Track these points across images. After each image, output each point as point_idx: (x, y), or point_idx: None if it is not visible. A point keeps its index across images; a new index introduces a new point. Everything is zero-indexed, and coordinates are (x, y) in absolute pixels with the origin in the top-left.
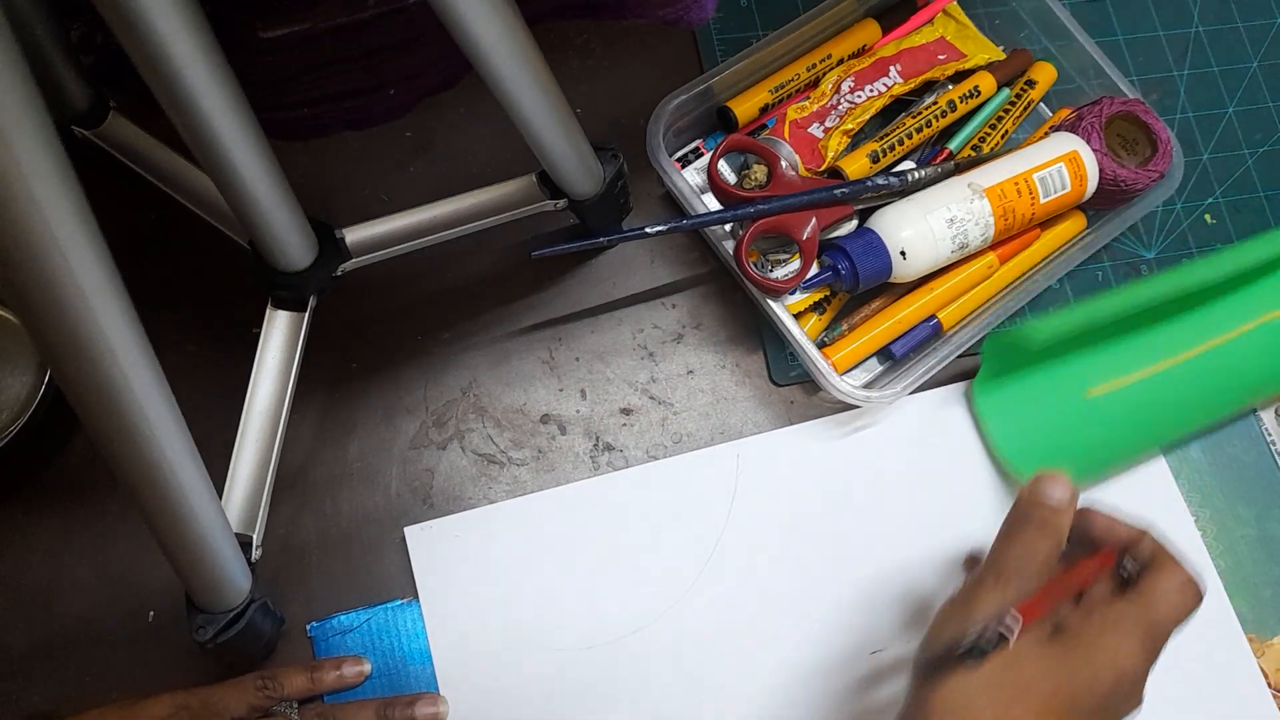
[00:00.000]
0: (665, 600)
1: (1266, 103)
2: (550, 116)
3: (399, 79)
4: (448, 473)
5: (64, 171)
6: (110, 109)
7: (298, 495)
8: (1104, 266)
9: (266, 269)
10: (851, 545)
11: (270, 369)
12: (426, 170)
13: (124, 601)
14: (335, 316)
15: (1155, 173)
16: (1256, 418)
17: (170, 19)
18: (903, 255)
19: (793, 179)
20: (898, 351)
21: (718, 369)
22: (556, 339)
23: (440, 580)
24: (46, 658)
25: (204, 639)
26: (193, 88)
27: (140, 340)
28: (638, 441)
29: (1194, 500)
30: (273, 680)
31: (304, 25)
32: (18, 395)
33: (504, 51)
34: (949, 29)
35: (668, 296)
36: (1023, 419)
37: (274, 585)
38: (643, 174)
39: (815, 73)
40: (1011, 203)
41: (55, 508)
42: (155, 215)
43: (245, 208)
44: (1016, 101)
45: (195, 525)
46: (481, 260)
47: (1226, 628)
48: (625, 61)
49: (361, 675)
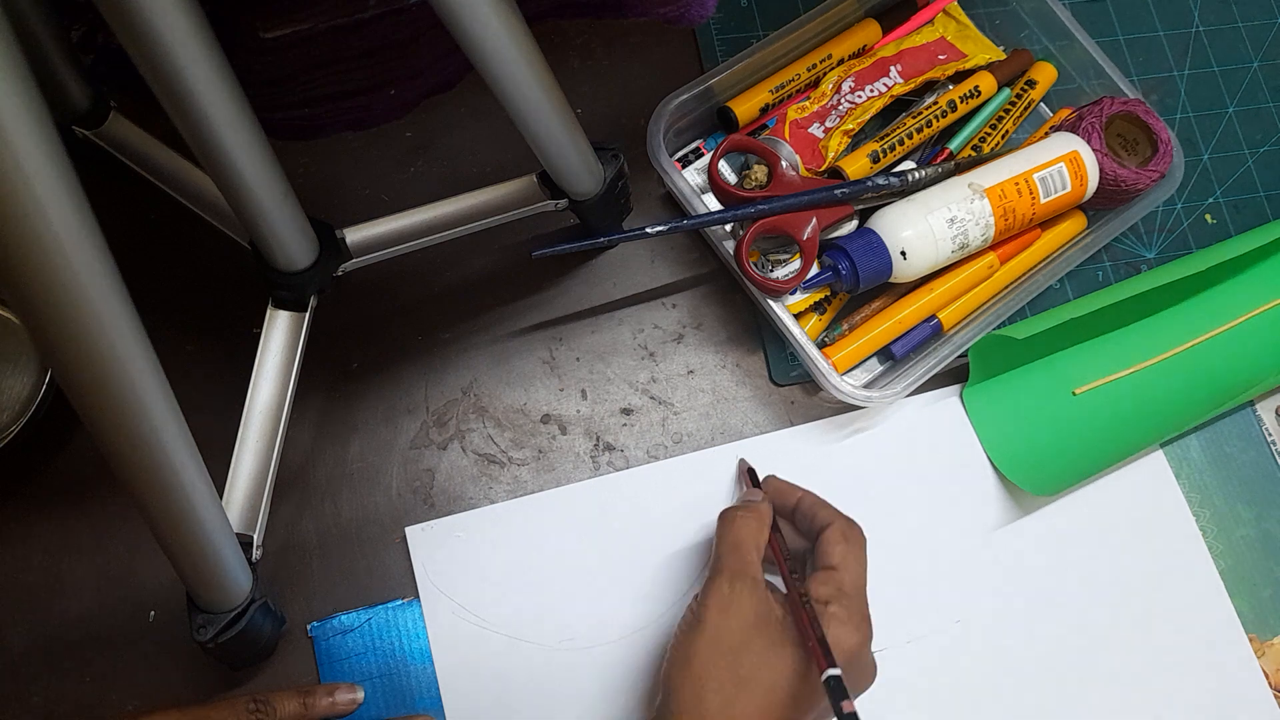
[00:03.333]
0: (665, 601)
1: (1267, 103)
2: (551, 116)
3: (399, 79)
4: (448, 473)
5: (65, 172)
6: (111, 109)
7: (298, 495)
8: (1104, 266)
9: (267, 269)
10: None
11: (271, 369)
12: (427, 170)
13: (124, 601)
14: (336, 316)
15: (1155, 173)
16: (1257, 418)
17: (171, 19)
18: (903, 255)
19: (793, 179)
20: (898, 351)
21: (718, 369)
22: (557, 339)
23: (441, 580)
24: (46, 658)
25: (205, 639)
26: (194, 88)
27: (141, 340)
28: (638, 441)
29: (1194, 500)
30: (265, 704)
31: (304, 25)
32: (19, 395)
33: (504, 51)
34: (949, 29)
35: (668, 296)
36: (1011, 419)
37: (275, 585)
38: (643, 174)
39: (816, 73)
40: (1012, 203)
41: (55, 508)
42: (156, 215)
43: (246, 208)
44: (1017, 101)
45: (196, 525)
46: (482, 260)
47: (1227, 628)
48: (626, 61)
49: (354, 703)
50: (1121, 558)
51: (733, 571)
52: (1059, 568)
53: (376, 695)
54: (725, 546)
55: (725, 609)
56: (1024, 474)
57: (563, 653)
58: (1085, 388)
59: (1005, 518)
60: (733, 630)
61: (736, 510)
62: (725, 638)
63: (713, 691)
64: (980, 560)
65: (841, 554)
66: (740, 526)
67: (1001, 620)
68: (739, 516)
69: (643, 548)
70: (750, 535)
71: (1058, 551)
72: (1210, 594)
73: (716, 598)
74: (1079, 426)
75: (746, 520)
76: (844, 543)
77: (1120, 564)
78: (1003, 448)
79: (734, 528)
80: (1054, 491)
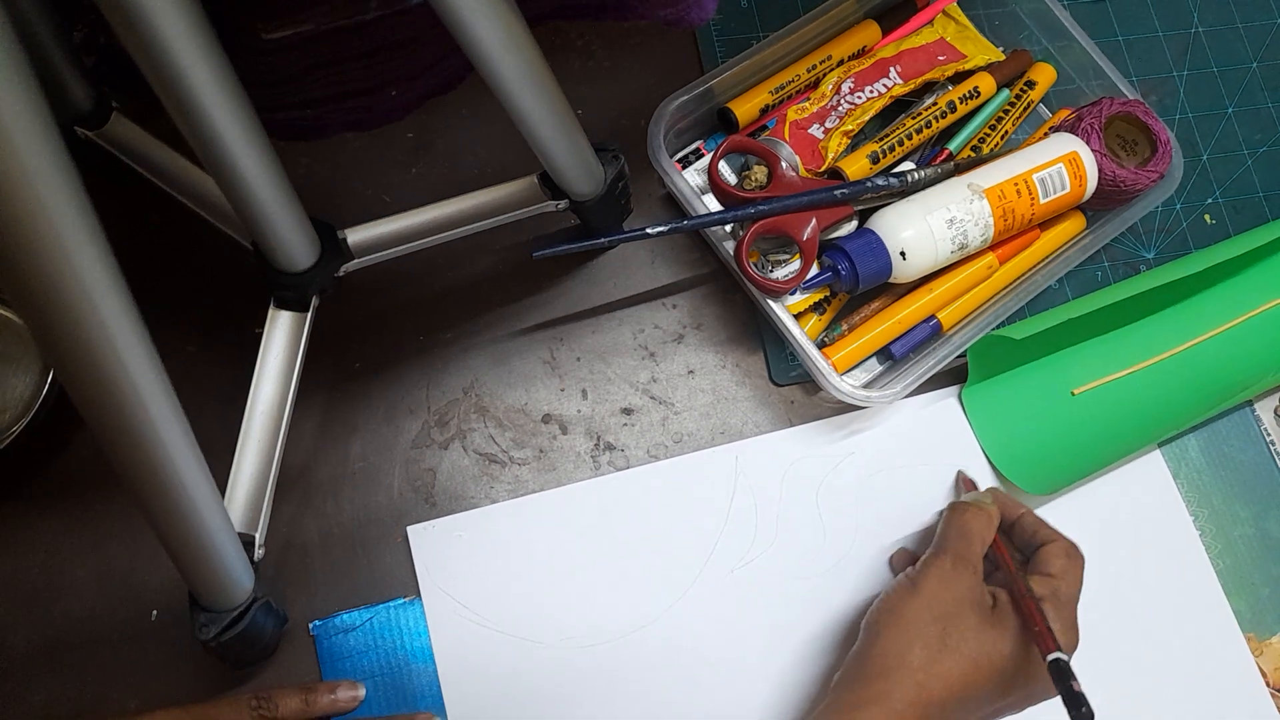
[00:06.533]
0: (665, 600)
1: (1266, 103)
2: (551, 117)
3: (400, 79)
4: (450, 472)
5: (67, 172)
6: (113, 110)
7: (300, 494)
8: (1103, 267)
9: (269, 269)
10: (851, 545)
11: (272, 369)
12: (428, 171)
13: (126, 601)
14: (337, 317)
15: (1155, 173)
16: (1255, 418)
17: (173, 20)
18: (903, 256)
19: (793, 180)
20: (898, 352)
21: (718, 369)
22: (558, 339)
23: (442, 579)
24: (47, 658)
25: (207, 638)
26: (195, 88)
27: (143, 340)
28: (639, 441)
29: (1192, 500)
30: (268, 700)
31: (306, 26)
32: (20, 395)
33: (505, 52)
34: (949, 30)
35: (668, 297)
36: (1010, 419)
37: (276, 584)
38: (643, 175)
39: (815, 74)
40: (1011, 203)
41: (56, 508)
42: (158, 216)
43: (248, 208)
44: (1016, 102)
45: (198, 524)
46: (483, 261)
47: (1225, 627)
48: (626, 62)
49: (356, 701)
50: (1119, 557)
51: (956, 553)
52: None
53: (378, 693)
54: (953, 531)
55: (944, 581)
56: (1023, 474)
57: (564, 651)
58: (1084, 388)
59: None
60: (948, 601)
61: (968, 504)
62: (940, 605)
63: (920, 646)
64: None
65: (1062, 567)
66: (971, 518)
67: None
68: (971, 509)
69: (643, 547)
70: (979, 528)
71: None
72: (1208, 593)
73: (938, 570)
74: (1078, 426)
75: (978, 515)
76: (1065, 558)
77: (1118, 563)
78: (1002, 447)
79: (965, 518)
80: (1052, 491)
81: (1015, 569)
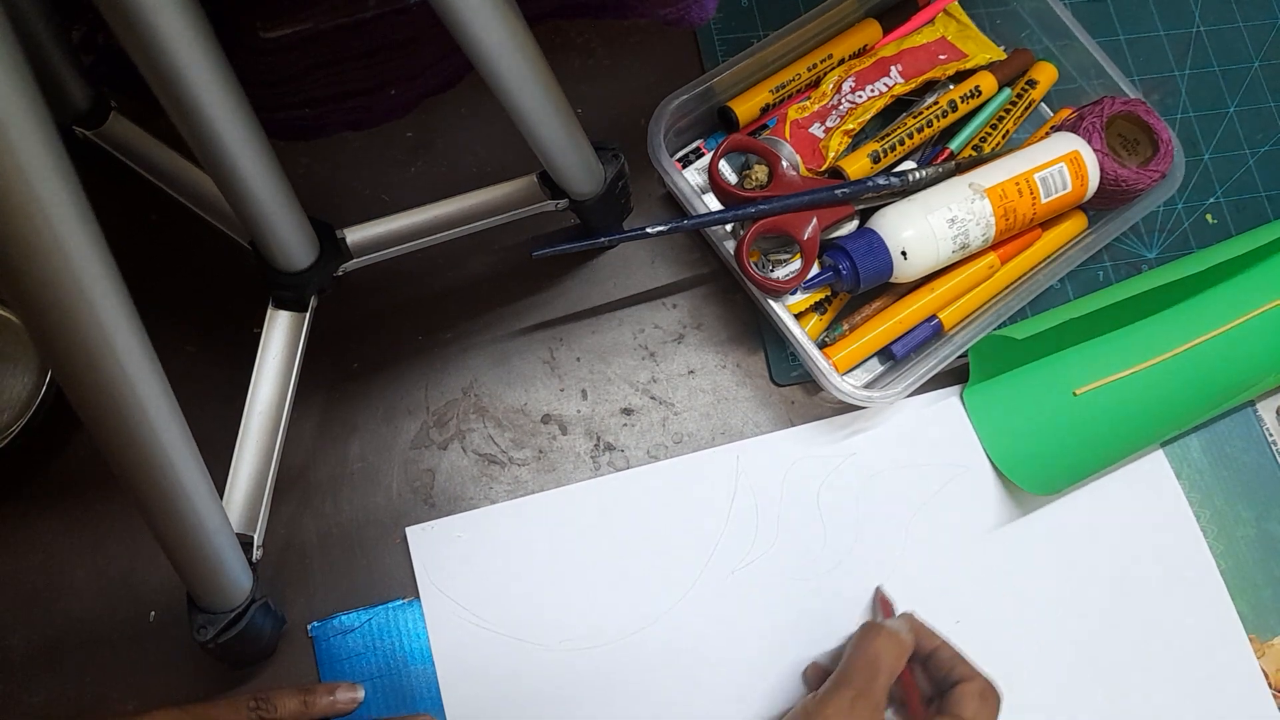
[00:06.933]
0: (665, 601)
1: (1267, 102)
2: (551, 116)
3: (400, 79)
4: (449, 473)
5: (65, 172)
6: (111, 109)
7: (299, 495)
8: (1105, 266)
9: (267, 269)
10: (851, 545)
11: (271, 369)
12: (427, 170)
13: (124, 601)
14: (336, 316)
15: (1156, 173)
16: (1258, 418)
17: (171, 19)
18: (904, 255)
19: (794, 179)
20: (899, 352)
21: (718, 369)
22: (557, 339)
23: (441, 580)
24: (47, 658)
25: (205, 639)
26: (194, 88)
27: (142, 340)
28: (639, 441)
29: (1195, 500)
30: (266, 701)
31: (305, 25)
32: (19, 395)
33: (505, 51)
34: (950, 29)
35: (669, 297)
36: (1011, 419)
37: (275, 585)
38: (644, 174)
39: (816, 73)
40: (1012, 203)
41: (55, 508)
42: (156, 215)
43: (246, 208)
44: (1017, 101)
45: (196, 525)
46: (482, 260)
47: (1227, 628)
48: (626, 61)
49: (355, 702)
50: (1122, 558)
51: (859, 689)
52: (1059, 568)
53: (377, 695)
54: (860, 661)
55: (843, 718)
56: (1024, 474)
57: (563, 653)
58: (1086, 388)
59: (1005, 518)
60: None
61: (881, 629)
62: None
63: None
64: (980, 560)
65: (975, 710)
66: (881, 646)
67: (1001, 620)
68: (883, 636)
69: (643, 548)
70: (888, 659)
71: (1058, 551)
72: (1210, 594)
73: (836, 705)
74: (1079, 426)
75: (890, 643)
76: (979, 699)
77: (1120, 564)
78: (1003, 447)
79: (874, 645)
80: (1054, 491)
81: (920, 709)
